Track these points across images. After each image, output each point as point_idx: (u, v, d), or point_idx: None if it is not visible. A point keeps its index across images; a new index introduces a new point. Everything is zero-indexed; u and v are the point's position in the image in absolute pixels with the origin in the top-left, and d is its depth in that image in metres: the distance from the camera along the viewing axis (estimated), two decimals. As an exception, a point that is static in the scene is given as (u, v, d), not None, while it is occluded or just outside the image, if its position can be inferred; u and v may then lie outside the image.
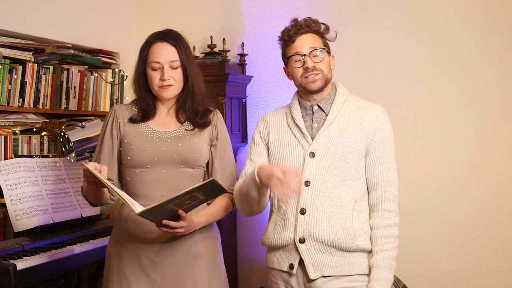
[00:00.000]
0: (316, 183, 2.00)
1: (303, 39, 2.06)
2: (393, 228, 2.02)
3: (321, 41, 2.09)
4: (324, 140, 2.03)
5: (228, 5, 3.47)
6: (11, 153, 2.81)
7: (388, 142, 2.07)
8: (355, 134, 2.03)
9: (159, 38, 2.12)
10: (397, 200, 2.05)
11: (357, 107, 2.09)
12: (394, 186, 2.06)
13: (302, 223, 1.99)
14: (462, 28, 2.89)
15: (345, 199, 2.00)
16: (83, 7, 3.32)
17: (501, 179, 2.82)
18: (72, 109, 3.16)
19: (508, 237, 2.81)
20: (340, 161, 2.01)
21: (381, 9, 3.06)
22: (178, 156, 2.09)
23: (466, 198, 2.89)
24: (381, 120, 2.06)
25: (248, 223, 3.41)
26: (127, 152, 2.10)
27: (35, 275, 2.39)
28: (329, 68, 2.08)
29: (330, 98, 2.10)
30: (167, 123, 2.16)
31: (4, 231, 2.79)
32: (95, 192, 2.07)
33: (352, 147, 2.02)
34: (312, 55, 2.04)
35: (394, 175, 2.07)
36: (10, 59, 2.83)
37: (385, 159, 2.05)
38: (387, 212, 2.03)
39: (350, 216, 1.99)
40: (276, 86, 3.36)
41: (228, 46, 3.32)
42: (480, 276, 2.87)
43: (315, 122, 2.08)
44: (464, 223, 2.89)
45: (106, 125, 2.17)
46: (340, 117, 2.06)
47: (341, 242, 1.97)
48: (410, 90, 3.00)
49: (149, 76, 2.11)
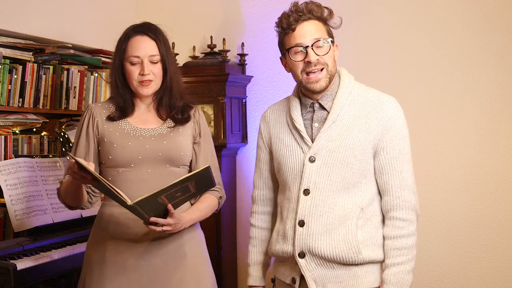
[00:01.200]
0: (316, 192, 1.81)
1: (305, 27, 1.80)
2: (406, 238, 1.79)
3: (325, 29, 1.83)
4: (325, 142, 1.81)
5: (228, 5, 3.47)
6: (11, 153, 2.81)
7: (399, 141, 1.81)
8: (359, 135, 1.80)
9: (138, 31, 2.01)
10: (412, 206, 1.82)
11: (363, 100, 1.84)
12: (408, 191, 1.81)
13: (301, 236, 1.81)
14: (462, 28, 2.89)
15: (348, 209, 1.80)
16: (83, 7, 3.32)
17: (501, 179, 2.82)
18: (72, 109, 3.16)
19: (508, 237, 2.81)
20: (343, 167, 1.80)
21: (381, 9, 3.06)
22: (164, 155, 2.00)
23: (466, 198, 2.89)
24: (389, 117, 1.81)
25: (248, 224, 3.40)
26: (109, 151, 1.99)
27: (35, 275, 2.38)
28: (334, 61, 1.84)
29: (332, 93, 1.85)
30: (148, 119, 2.06)
31: (4, 231, 2.78)
32: (75, 192, 1.96)
33: (356, 151, 1.80)
34: (315, 46, 1.79)
35: (408, 177, 1.82)
36: (10, 59, 2.82)
37: (396, 160, 1.81)
38: (399, 221, 1.80)
39: (354, 226, 1.78)
40: (276, 86, 3.37)
41: (228, 46, 3.32)
42: (480, 276, 2.87)
43: (315, 122, 1.86)
44: (464, 223, 2.89)
45: (82, 125, 2.06)
46: (344, 114, 1.82)
47: (343, 257, 1.78)
48: (410, 90, 3.00)
49: (128, 71, 2.00)
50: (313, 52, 1.78)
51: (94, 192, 2.07)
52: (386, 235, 1.82)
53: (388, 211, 1.82)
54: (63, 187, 2.01)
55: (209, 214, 2.11)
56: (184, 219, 1.94)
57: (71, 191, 1.96)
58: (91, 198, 2.07)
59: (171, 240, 2.01)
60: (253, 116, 3.43)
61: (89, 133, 2.04)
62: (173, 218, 1.87)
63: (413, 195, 1.83)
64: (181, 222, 1.92)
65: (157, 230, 1.86)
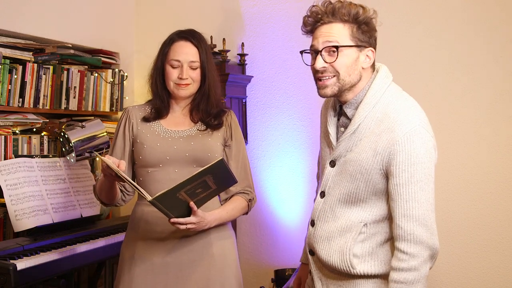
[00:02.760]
0: (329, 197, 1.77)
1: (322, 30, 1.66)
2: (405, 273, 1.62)
3: (348, 33, 1.65)
4: (343, 151, 1.73)
5: (228, 5, 3.47)
6: (11, 153, 2.81)
7: (408, 168, 1.62)
8: (369, 153, 1.67)
9: (182, 37, 2.11)
10: (417, 239, 1.62)
11: (382, 116, 1.67)
12: (413, 222, 1.62)
13: (310, 235, 1.82)
14: (462, 28, 2.89)
15: (351, 221, 1.72)
16: (83, 7, 3.32)
17: (501, 179, 2.82)
18: (72, 109, 3.16)
19: (508, 237, 2.81)
20: (351, 180, 1.71)
21: (381, 9, 3.04)
22: (190, 155, 2.06)
23: (466, 198, 2.89)
24: (399, 140, 1.62)
25: (249, 223, 3.41)
26: (139, 152, 2.09)
27: (35, 275, 2.38)
28: (351, 69, 1.67)
29: (357, 101, 1.72)
30: (180, 122, 2.14)
31: (4, 231, 2.79)
32: (109, 189, 2.04)
33: (363, 168, 1.68)
34: (325, 51, 1.65)
35: (416, 208, 1.62)
36: (10, 59, 2.83)
37: (403, 188, 1.62)
38: (401, 253, 1.64)
39: (352, 240, 1.71)
40: (276, 86, 3.36)
41: (228, 46, 3.32)
42: (480, 276, 2.87)
43: (341, 126, 1.77)
44: (464, 223, 2.89)
45: (119, 126, 2.16)
46: (363, 127, 1.69)
47: (337, 267, 1.73)
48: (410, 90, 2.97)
49: (167, 72, 2.09)
50: (321, 59, 1.66)
51: (127, 191, 2.15)
52: (391, 264, 1.69)
53: (395, 240, 1.68)
54: (98, 184, 2.09)
55: (236, 216, 2.16)
56: (209, 218, 1.99)
57: (105, 188, 2.04)
58: (124, 196, 2.15)
59: (199, 238, 2.07)
60: (253, 116, 3.43)
61: (125, 134, 2.14)
62: (196, 217, 1.92)
63: (421, 227, 1.62)
64: (205, 221, 1.97)
65: (181, 228, 1.91)
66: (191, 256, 2.06)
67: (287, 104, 3.33)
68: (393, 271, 1.65)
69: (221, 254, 2.10)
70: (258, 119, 3.43)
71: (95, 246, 2.71)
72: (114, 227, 2.97)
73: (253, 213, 2.25)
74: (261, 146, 3.42)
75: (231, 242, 2.17)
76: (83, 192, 2.95)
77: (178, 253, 2.06)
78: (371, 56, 1.71)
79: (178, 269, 2.05)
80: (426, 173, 1.63)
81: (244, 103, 3.41)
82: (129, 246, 2.12)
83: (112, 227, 2.96)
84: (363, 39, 1.68)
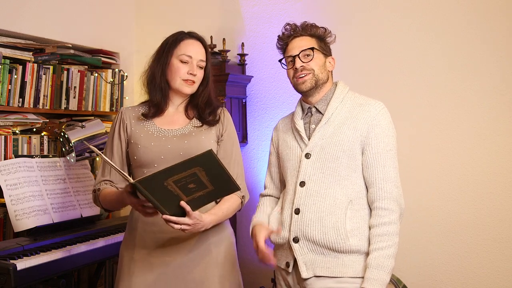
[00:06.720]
0: (310, 184, 2.02)
1: (296, 42, 2.09)
2: (387, 226, 1.94)
3: (315, 42, 2.09)
4: (318, 140, 2.05)
5: (228, 5, 3.47)
6: (11, 153, 2.81)
7: (383, 139, 2.01)
8: (348, 133, 2.02)
9: (193, 36, 2.16)
10: (393, 197, 1.98)
11: (353, 104, 2.08)
12: (390, 183, 1.99)
13: (296, 223, 2.01)
14: (463, 28, 2.89)
15: (338, 199, 1.98)
16: (83, 7, 3.33)
17: (501, 179, 2.82)
18: (72, 109, 3.16)
19: (508, 237, 2.81)
20: (333, 160, 2.01)
21: (381, 9, 3.06)
22: (185, 154, 2.05)
23: (466, 198, 2.89)
24: (375, 116, 2.02)
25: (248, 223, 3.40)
26: (134, 152, 2.10)
27: (35, 275, 2.39)
28: (322, 68, 2.08)
29: (327, 98, 2.10)
30: (174, 120, 2.16)
31: (4, 231, 2.79)
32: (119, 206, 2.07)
33: (345, 146, 2.01)
34: (302, 55, 2.06)
35: (391, 171, 2.00)
36: (10, 59, 2.83)
37: (380, 156, 2.00)
38: (381, 210, 1.96)
39: (343, 215, 1.97)
40: (276, 86, 3.37)
41: (228, 46, 3.32)
42: (480, 276, 2.87)
43: (312, 124, 2.09)
44: (464, 223, 2.89)
45: (114, 128, 2.17)
46: (335, 116, 2.06)
47: (332, 243, 1.96)
48: (410, 90, 3.01)
49: (176, 67, 2.10)
50: (298, 60, 2.06)
51: None
52: (370, 224, 1.98)
53: (373, 202, 2.00)
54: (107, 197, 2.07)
55: (231, 214, 2.16)
56: (206, 220, 1.98)
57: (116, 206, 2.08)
58: None
59: (197, 238, 2.08)
60: (253, 116, 3.43)
61: (120, 136, 2.16)
62: (191, 218, 1.89)
63: (395, 187, 1.99)
64: (202, 223, 1.96)
65: (175, 228, 1.89)
66: (191, 256, 2.07)
67: (287, 104, 3.33)
68: (375, 227, 1.95)
69: (220, 254, 2.11)
70: (258, 119, 3.43)
71: (95, 246, 2.72)
72: (114, 227, 2.97)
73: (253, 213, 2.25)
74: (261, 146, 3.42)
75: (230, 242, 2.18)
76: (83, 192, 2.96)
77: (177, 253, 2.06)
78: (332, 63, 2.14)
79: (176, 267, 2.05)
80: (394, 143, 2.05)
81: (244, 103, 3.41)
82: (128, 247, 2.13)
83: (112, 227, 2.96)
84: (326, 49, 2.13)
